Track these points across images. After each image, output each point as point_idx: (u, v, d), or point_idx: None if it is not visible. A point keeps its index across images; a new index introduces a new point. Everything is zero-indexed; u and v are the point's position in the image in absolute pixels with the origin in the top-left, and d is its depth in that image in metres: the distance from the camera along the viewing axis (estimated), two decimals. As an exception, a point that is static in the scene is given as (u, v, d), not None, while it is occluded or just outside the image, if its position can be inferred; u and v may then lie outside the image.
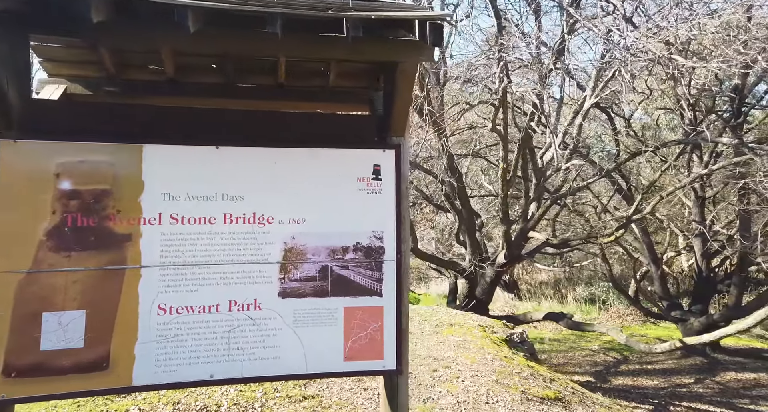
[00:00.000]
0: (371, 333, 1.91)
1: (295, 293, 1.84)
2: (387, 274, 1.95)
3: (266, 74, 2.21)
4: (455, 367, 3.97)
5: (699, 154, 10.14)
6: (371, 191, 1.95)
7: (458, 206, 8.30)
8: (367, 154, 1.95)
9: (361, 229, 1.94)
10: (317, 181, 1.90)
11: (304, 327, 1.84)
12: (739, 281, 10.31)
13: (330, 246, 1.90)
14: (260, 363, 1.78)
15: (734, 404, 7.65)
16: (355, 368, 1.88)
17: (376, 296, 1.93)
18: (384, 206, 1.96)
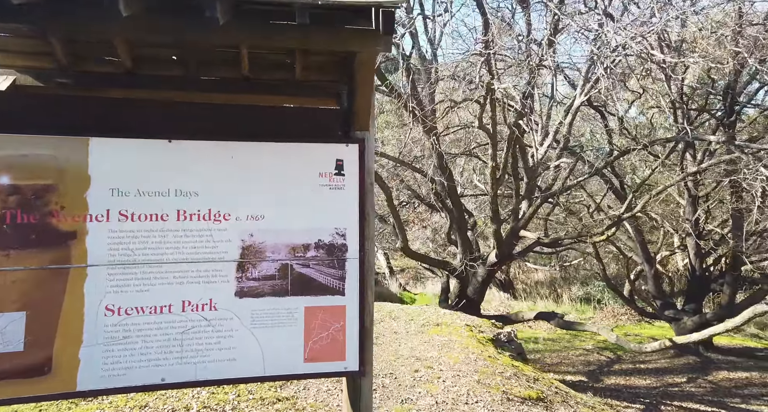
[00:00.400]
0: (333, 333, 1.85)
1: (253, 293, 1.78)
2: (350, 272, 1.88)
3: (230, 67, 2.14)
4: (437, 367, 3.91)
5: (692, 153, 10.11)
6: (334, 187, 1.89)
7: (449, 205, 8.25)
8: (329, 149, 1.89)
9: (323, 226, 1.87)
10: (277, 177, 1.83)
11: (263, 328, 1.78)
12: (732, 280, 10.29)
13: (290, 244, 1.83)
14: (215, 366, 1.71)
15: (725, 403, 7.62)
16: (315, 369, 1.82)
17: (338, 295, 1.87)
18: (347, 202, 1.89)
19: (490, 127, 5.85)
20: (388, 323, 5.42)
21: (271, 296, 1.80)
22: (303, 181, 1.86)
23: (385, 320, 5.55)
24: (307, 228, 1.85)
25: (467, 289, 8.77)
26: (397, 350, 4.33)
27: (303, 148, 1.87)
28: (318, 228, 1.87)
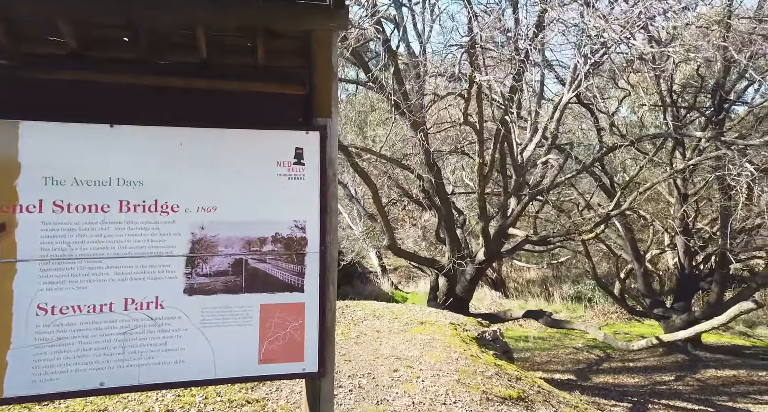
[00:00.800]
0: (291, 333, 1.73)
1: (204, 290, 1.66)
2: (310, 267, 1.77)
3: (188, 50, 2.02)
4: (418, 366, 3.81)
5: (682, 152, 10.11)
6: (293, 177, 1.77)
7: (437, 202, 8.15)
8: (288, 136, 1.77)
9: (281, 218, 1.76)
10: (231, 166, 1.72)
11: (214, 327, 1.66)
12: (720, 278, 10.30)
13: (245, 237, 1.72)
14: (161, 369, 1.59)
15: (712, 402, 7.61)
16: (271, 371, 1.70)
17: (297, 292, 1.76)
18: (307, 193, 1.78)
19: (476, 122, 5.75)
20: (371, 322, 5.31)
21: (224, 293, 1.68)
22: (259, 170, 1.74)
23: (368, 319, 5.44)
24: (264, 220, 1.74)
25: (456, 287, 8.69)
26: (377, 349, 4.23)
27: (259, 135, 1.75)
28: (275, 221, 1.75)
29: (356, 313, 5.75)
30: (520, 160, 7.39)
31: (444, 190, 7.84)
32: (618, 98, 10.36)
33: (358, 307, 6.16)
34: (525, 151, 7.50)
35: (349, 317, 5.56)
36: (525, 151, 7.50)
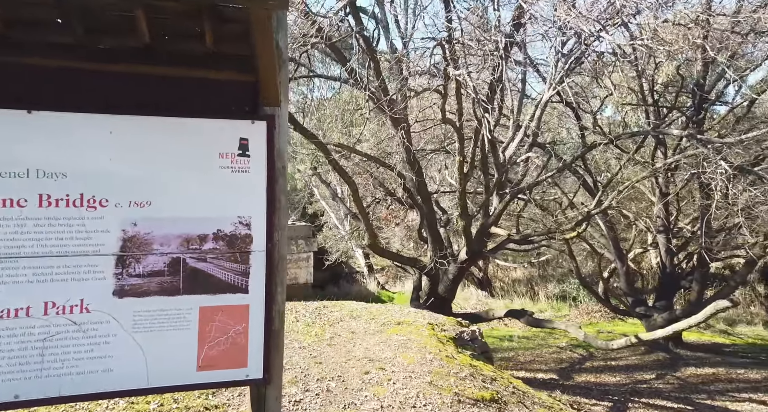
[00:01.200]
0: (234, 337, 1.61)
1: (136, 292, 1.53)
2: (255, 267, 1.65)
3: (128, 34, 1.88)
4: (390, 368, 3.70)
5: (664, 151, 10.18)
6: (237, 170, 1.65)
7: (419, 201, 8.06)
8: (231, 126, 1.65)
9: (223, 214, 1.64)
10: (167, 157, 1.59)
11: (147, 332, 1.53)
12: (701, 277, 10.41)
13: (183, 234, 1.59)
14: (86, 378, 1.46)
15: (691, 400, 7.66)
16: (210, 378, 1.58)
17: (240, 293, 1.64)
18: (252, 187, 1.66)
19: (456, 120, 5.67)
20: (347, 323, 5.19)
21: (159, 295, 1.55)
22: (199, 162, 1.62)
23: (345, 320, 5.32)
24: (204, 217, 1.61)
25: (438, 287, 8.61)
26: (350, 351, 4.12)
27: (200, 124, 1.63)
28: (217, 217, 1.63)
29: (333, 314, 5.63)
30: (502, 159, 7.33)
31: (426, 189, 7.75)
32: (600, 97, 10.41)
33: (336, 307, 6.04)
34: (507, 150, 7.45)
35: (325, 317, 5.44)
36: (507, 150, 7.45)
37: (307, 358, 3.91)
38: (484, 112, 4.73)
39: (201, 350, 1.58)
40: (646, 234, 12.51)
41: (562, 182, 11.99)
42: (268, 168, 1.68)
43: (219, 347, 1.59)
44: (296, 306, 6.10)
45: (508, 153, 7.36)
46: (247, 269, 1.65)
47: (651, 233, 11.65)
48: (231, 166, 1.64)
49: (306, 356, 3.96)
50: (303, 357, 3.92)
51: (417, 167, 7.43)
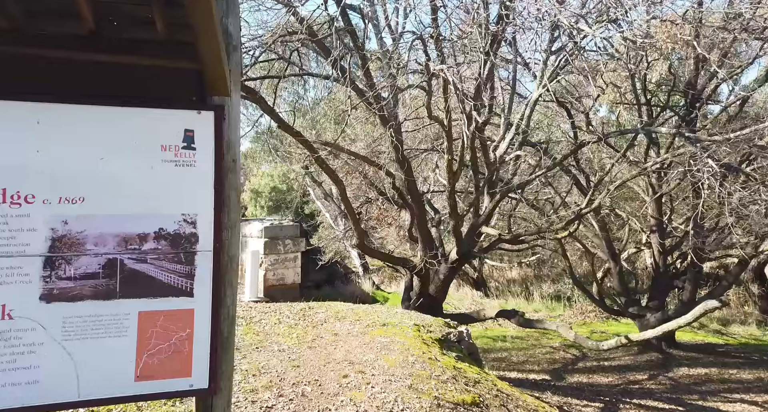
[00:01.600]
0: (176, 344, 1.50)
1: (67, 296, 1.41)
2: (201, 268, 1.54)
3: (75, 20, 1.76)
4: (370, 371, 3.59)
5: (657, 151, 10.12)
6: (181, 163, 1.53)
7: (409, 200, 7.95)
8: (175, 116, 1.54)
9: (166, 211, 1.52)
10: (103, 149, 1.47)
11: (79, 340, 1.42)
12: (694, 277, 10.35)
13: (121, 233, 1.47)
14: (8, 391, 1.34)
15: (683, 401, 7.59)
16: (150, 389, 1.47)
17: (184, 297, 1.52)
18: (199, 183, 1.55)
19: (444, 117, 5.56)
20: (331, 324, 5.08)
21: (93, 299, 1.43)
22: (139, 155, 1.50)
23: (329, 321, 5.21)
24: (145, 214, 1.50)
25: (429, 287, 8.51)
26: (330, 354, 4.01)
27: (140, 114, 1.51)
28: (159, 214, 1.51)
29: (318, 315, 5.52)
30: (493, 158, 7.24)
31: (416, 188, 7.64)
32: (593, 97, 10.33)
33: (321, 308, 5.93)
34: (498, 149, 7.35)
35: (309, 319, 5.33)
36: (498, 149, 7.35)
37: (285, 361, 3.79)
38: (472, 109, 4.62)
39: (140, 359, 1.46)
40: (640, 234, 12.45)
41: (557, 182, 11.91)
42: (216, 162, 1.56)
43: (160, 355, 1.48)
44: (281, 307, 5.98)
45: (499, 152, 7.26)
46: (192, 271, 1.53)
47: (644, 232, 11.58)
48: (175, 159, 1.53)
49: (284, 359, 3.84)
50: (281, 360, 3.80)
51: (407, 166, 7.31)
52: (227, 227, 1.60)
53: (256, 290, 6.83)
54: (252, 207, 27.33)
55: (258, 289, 6.92)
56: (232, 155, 1.62)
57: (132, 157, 1.49)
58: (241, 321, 5.09)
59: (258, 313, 5.51)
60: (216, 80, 1.54)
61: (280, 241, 7.25)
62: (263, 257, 7.13)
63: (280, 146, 15.82)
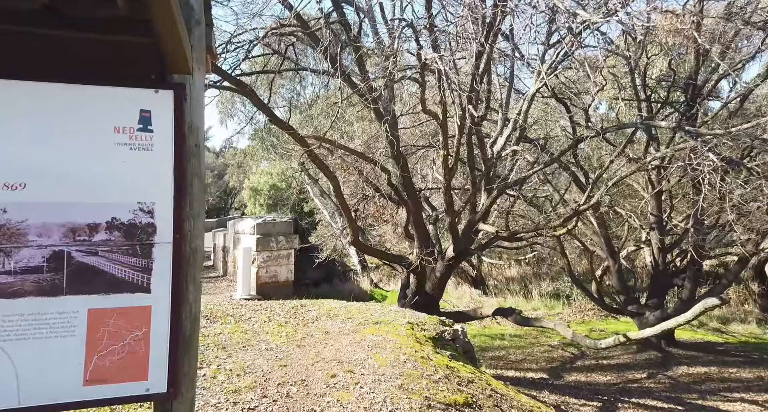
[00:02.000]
0: (131, 344, 1.37)
1: (6, 292, 1.28)
2: (159, 262, 1.41)
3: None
4: (359, 371, 3.47)
5: (656, 147, 9.99)
6: (136, 147, 1.40)
7: (405, 197, 7.81)
8: (129, 95, 1.40)
9: (119, 199, 1.39)
10: (48, 130, 1.34)
11: (19, 340, 1.29)
12: (693, 274, 10.23)
13: (68, 223, 1.34)
14: (-62, 394, 1.21)
15: (682, 400, 7.47)
16: (101, 394, 1.34)
17: (140, 293, 1.39)
18: (156, 168, 1.41)
19: (440, 111, 5.42)
20: (322, 322, 4.96)
21: (36, 295, 1.30)
22: (89, 137, 1.37)
23: (321, 319, 5.09)
24: (96, 202, 1.36)
25: (425, 285, 8.38)
26: (319, 353, 3.88)
27: (90, 92, 1.38)
28: (112, 202, 1.38)
29: (310, 313, 5.40)
30: (490, 154, 7.10)
31: (412, 185, 7.51)
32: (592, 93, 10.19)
33: (314, 306, 5.81)
34: (495, 145, 7.22)
35: (300, 317, 5.20)
36: (495, 145, 7.22)
37: (272, 360, 3.67)
38: (467, 101, 4.48)
39: (89, 361, 1.33)
40: (639, 232, 12.33)
41: (555, 179, 11.79)
42: (176, 146, 1.43)
43: (112, 356, 1.35)
44: (272, 305, 5.86)
45: (497, 148, 7.13)
46: (149, 265, 1.40)
47: (644, 230, 11.46)
48: (129, 142, 1.39)
49: (271, 358, 3.72)
50: (267, 360, 3.68)
51: (402, 162, 7.18)
52: (189, 216, 1.46)
53: (248, 287, 6.71)
54: (251, 205, 27.22)
55: (250, 286, 6.80)
56: (195, 139, 1.49)
57: (81, 139, 1.36)
58: (231, 319, 4.97)
59: (248, 310, 5.39)
60: (175, 57, 1.41)
61: (273, 237, 7.12)
62: (256, 254, 7.00)
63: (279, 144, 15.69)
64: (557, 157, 6.57)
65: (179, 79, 1.46)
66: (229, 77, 5.28)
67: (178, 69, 1.45)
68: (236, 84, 5.22)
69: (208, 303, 5.76)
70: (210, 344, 3.98)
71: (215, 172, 50.37)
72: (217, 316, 5.01)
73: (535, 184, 10.74)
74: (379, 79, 5.17)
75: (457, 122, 4.72)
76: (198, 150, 1.50)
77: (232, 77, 5.33)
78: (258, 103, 5.61)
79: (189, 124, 1.46)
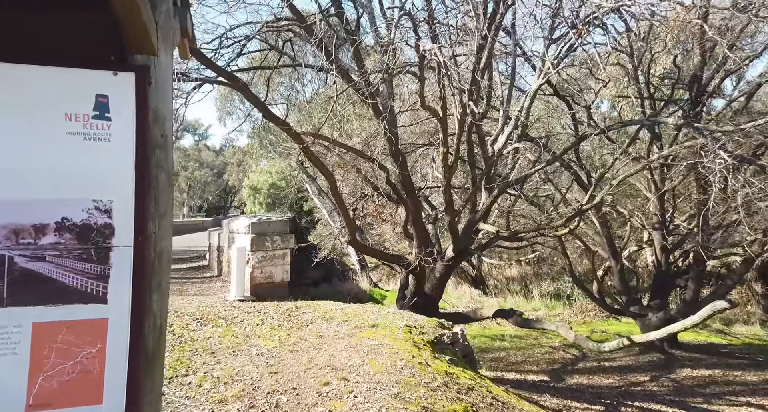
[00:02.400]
0: (84, 363, 1.20)
1: (-64, 302, 1.11)
2: (117, 267, 1.23)
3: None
4: (354, 378, 3.30)
5: (659, 146, 9.82)
6: (92, 137, 1.23)
7: (404, 195, 7.64)
8: (83, 78, 1.23)
9: (71, 196, 1.21)
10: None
11: (-48, 357, 1.11)
12: (697, 275, 10.07)
13: (9, 224, 1.17)
14: None
15: (687, 404, 7.31)
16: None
17: (95, 304, 1.22)
18: (115, 162, 1.24)
19: (439, 107, 5.24)
20: (317, 325, 4.79)
21: (-28, 306, 1.13)
22: (36, 125, 1.19)
23: (316, 322, 4.92)
24: (42, 200, 1.19)
25: (424, 286, 8.21)
26: (312, 358, 3.71)
27: (36, 74, 1.20)
28: (62, 200, 1.21)
29: (304, 315, 5.23)
30: (491, 152, 6.93)
31: (410, 183, 7.33)
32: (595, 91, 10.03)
33: (309, 308, 5.64)
34: (496, 143, 7.05)
35: (294, 319, 5.04)
36: (496, 143, 7.05)
37: (262, 367, 3.50)
38: (466, 95, 4.30)
39: (33, 383, 1.16)
40: (641, 232, 12.16)
41: (557, 179, 11.62)
42: (138, 136, 1.26)
43: (61, 377, 1.18)
44: (266, 307, 5.69)
45: (498, 145, 6.96)
46: (105, 271, 1.23)
47: (646, 230, 11.29)
48: (83, 131, 1.22)
49: (261, 364, 3.55)
50: (257, 366, 3.51)
51: (401, 160, 7.00)
52: (154, 216, 1.29)
53: (243, 288, 6.53)
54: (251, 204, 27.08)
55: (244, 287, 6.63)
56: (161, 129, 1.32)
57: (26, 127, 1.19)
58: (222, 322, 4.80)
59: (241, 313, 5.22)
60: (136, 35, 1.23)
61: (268, 237, 6.95)
62: (250, 254, 6.83)
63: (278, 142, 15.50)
64: (560, 155, 6.40)
65: (142, 61, 1.28)
66: (223, 72, 5.10)
67: (141, 49, 1.27)
68: (229, 78, 5.05)
69: (200, 305, 5.59)
70: (198, 349, 3.81)
71: (215, 171, 50.27)
72: (208, 318, 4.84)
73: (536, 183, 10.58)
74: (377, 72, 4.98)
75: (458, 117, 4.54)
76: (165, 141, 1.33)
77: (226, 72, 5.16)
78: (251, 98, 5.44)
79: (154, 112, 1.29)
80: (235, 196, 44.58)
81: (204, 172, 48.45)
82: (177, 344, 3.88)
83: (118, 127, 1.25)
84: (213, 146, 56.62)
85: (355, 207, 11.14)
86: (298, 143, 5.52)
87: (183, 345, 3.88)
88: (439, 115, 5.10)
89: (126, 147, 1.25)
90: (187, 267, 13.39)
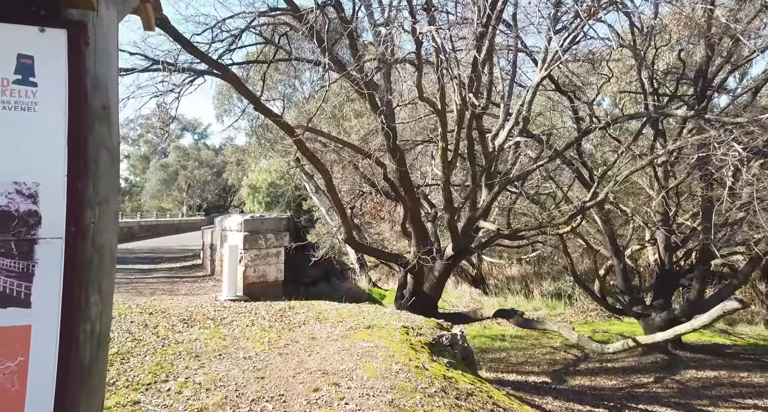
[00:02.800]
0: (0, 379, 0.98)
1: None
2: (44, 264, 1.02)
3: None
4: (346, 384, 3.09)
5: (663, 143, 9.62)
6: (12, 105, 1.02)
7: (402, 192, 7.43)
8: (2, 35, 1.01)
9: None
10: None
11: None
12: (701, 274, 9.86)
13: None
14: None
15: (692, 406, 7.10)
16: (-48, 450, 0.96)
17: (15, 308, 1.01)
18: (43, 136, 1.03)
19: (438, 100, 5.03)
20: (310, 326, 4.58)
21: None
22: (-57, 92, 0.98)
23: (309, 323, 4.71)
24: (-49, 181, 0.98)
25: (423, 285, 8.01)
26: (303, 362, 3.50)
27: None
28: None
29: (297, 316, 5.02)
30: (491, 147, 6.72)
31: (408, 179, 7.12)
32: (598, 86, 9.84)
33: (303, 308, 5.43)
34: (497, 138, 6.84)
35: (287, 320, 4.83)
36: (497, 138, 6.84)
37: (249, 371, 3.29)
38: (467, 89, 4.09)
39: (-65, 403, 0.95)
40: (644, 230, 11.96)
41: (558, 177, 11.43)
42: (71, 106, 1.04)
43: (-28, 395, 0.97)
44: (258, 307, 5.48)
45: (498, 141, 6.74)
46: (29, 268, 1.02)
47: (649, 229, 11.09)
48: (2, 99, 1.01)
49: (248, 368, 3.34)
50: (243, 370, 3.30)
51: (399, 156, 6.79)
52: (93, 203, 1.08)
53: (235, 288, 6.32)
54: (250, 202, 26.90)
55: (237, 287, 6.42)
56: (104, 99, 1.10)
57: (-70, 93, 0.98)
58: (210, 323, 4.59)
59: (231, 313, 5.01)
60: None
61: (262, 235, 6.74)
62: (243, 252, 6.62)
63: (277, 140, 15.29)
64: (561, 150, 6.19)
65: (77, 16, 1.07)
66: (211, 61, 4.89)
67: (75, 2, 1.06)
68: (218, 68, 4.84)
69: (189, 305, 5.38)
70: (182, 353, 3.60)
71: (214, 170, 50.13)
72: (196, 319, 4.63)
73: (537, 181, 10.38)
74: (373, 59, 4.76)
75: (457, 110, 4.33)
76: (108, 113, 1.12)
77: (214, 61, 4.95)
78: (241, 90, 5.22)
79: (93, 78, 1.08)
80: (235, 195, 44.44)
81: (203, 171, 48.34)
82: (160, 347, 3.68)
83: (45, 95, 1.03)
84: (212, 145, 56.51)
85: (353, 205, 10.93)
86: (290, 136, 5.31)
87: (166, 348, 3.67)
88: (438, 108, 4.88)
89: (56, 119, 1.04)
90: (180, 266, 13.20)
